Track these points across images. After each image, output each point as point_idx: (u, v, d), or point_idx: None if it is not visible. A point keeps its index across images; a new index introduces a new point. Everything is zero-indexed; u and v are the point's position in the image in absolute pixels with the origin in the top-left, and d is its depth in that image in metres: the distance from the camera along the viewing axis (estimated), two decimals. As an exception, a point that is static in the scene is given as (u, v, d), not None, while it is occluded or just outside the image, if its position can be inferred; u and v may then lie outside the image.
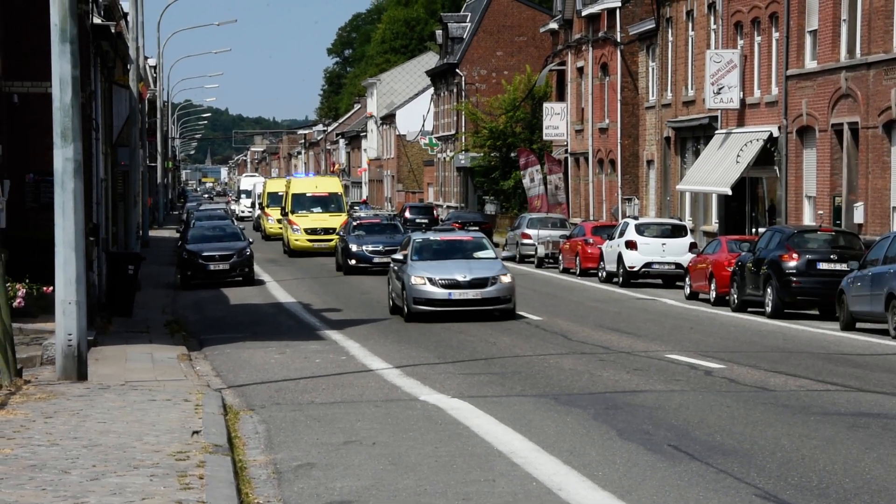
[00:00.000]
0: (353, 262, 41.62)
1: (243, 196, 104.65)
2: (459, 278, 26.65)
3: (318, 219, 52.61)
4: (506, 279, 26.82)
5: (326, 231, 51.27)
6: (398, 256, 28.40)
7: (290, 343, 22.61)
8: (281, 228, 56.20)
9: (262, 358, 20.52)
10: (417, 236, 29.23)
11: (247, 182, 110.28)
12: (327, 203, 53.94)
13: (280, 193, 59.10)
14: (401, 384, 17.26)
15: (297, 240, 52.01)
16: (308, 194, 54.26)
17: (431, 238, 29.20)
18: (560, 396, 15.77)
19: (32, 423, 13.03)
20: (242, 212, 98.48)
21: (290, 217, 52.99)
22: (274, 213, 60.99)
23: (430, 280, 26.52)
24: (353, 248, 41.86)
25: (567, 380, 17.35)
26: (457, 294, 26.48)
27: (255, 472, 11.54)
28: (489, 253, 28.59)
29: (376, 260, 41.03)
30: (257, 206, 74.61)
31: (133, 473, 10.57)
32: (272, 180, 73.54)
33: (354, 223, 44.62)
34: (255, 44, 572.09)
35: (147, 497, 9.71)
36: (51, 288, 17.52)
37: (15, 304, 19.71)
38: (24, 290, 21.05)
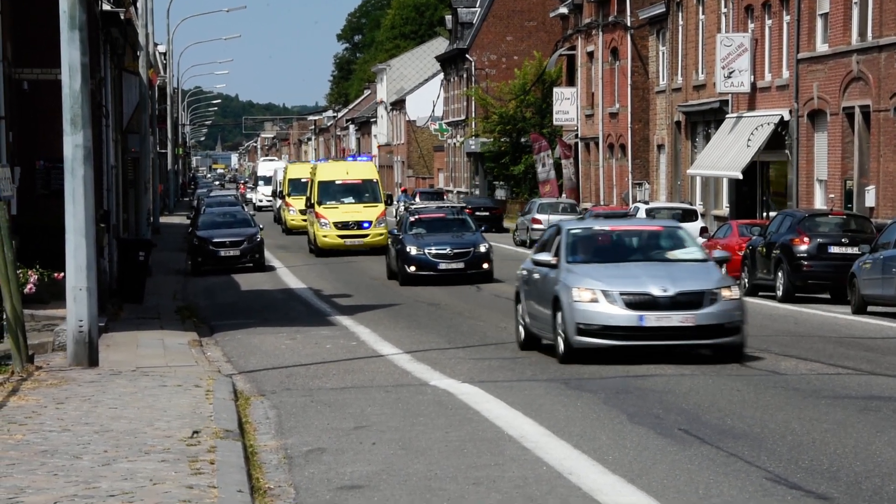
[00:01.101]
0: (413, 268, 32.97)
1: (261, 183, 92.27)
2: (655, 292, 17.11)
3: (351, 211, 44.24)
4: (730, 294, 17.46)
5: (360, 225, 43.71)
6: (543, 257, 18.64)
7: (301, 329, 22.63)
8: (305, 221, 48.08)
9: (273, 343, 20.55)
10: (570, 226, 19.34)
11: (265, 167, 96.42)
12: (361, 192, 45.23)
13: (304, 180, 50.70)
14: (411, 369, 17.28)
15: (325, 236, 43.70)
16: (338, 182, 45.68)
17: (597, 229, 19.59)
18: (570, 381, 15.77)
19: (44, 408, 13.07)
20: (260, 201, 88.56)
21: (317, 209, 44.34)
22: (297, 202, 52.93)
23: (606, 294, 17.11)
24: (413, 250, 33.06)
25: (576, 364, 17.33)
26: (652, 318, 16.96)
27: (266, 457, 11.56)
28: (694, 251, 18.67)
29: (443, 266, 33.03)
30: (278, 194, 63.72)
31: (144, 459, 10.59)
32: (295, 165, 62.52)
33: (412, 218, 35.84)
34: (265, 30, 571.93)
35: (158, 482, 9.73)
36: (62, 274, 17.56)
37: (26, 290, 19.76)
38: (36, 277, 21.10)
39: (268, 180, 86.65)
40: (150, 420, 12.41)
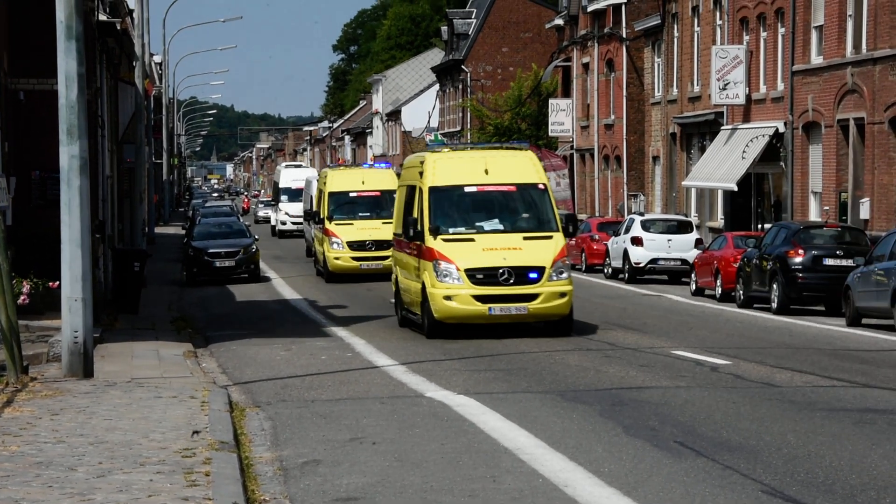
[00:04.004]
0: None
1: (284, 198, 67.28)
2: None
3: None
4: None
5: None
6: None
7: (296, 340, 22.61)
8: (358, 261, 37.26)
9: (268, 355, 20.53)
10: None
11: (290, 176, 69.16)
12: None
13: (355, 195, 38.82)
14: (406, 381, 17.26)
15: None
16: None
17: None
18: (566, 393, 15.77)
19: (39, 420, 13.05)
20: (283, 223, 66.40)
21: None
22: (345, 230, 37.69)
23: None
24: None
25: (573, 376, 17.34)
26: None
27: (261, 468, 11.54)
28: None
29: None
30: (313, 216, 42.05)
31: (139, 470, 10.58)
32: (338, 172, 41.74)
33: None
34: (261, 40, 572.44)
35: (153, 494, 9.71)
36: (56, 283, 17.54)
37: (19, 301, 19.72)
38: (29, 287, 21.06)
39: (294, 194, 64.63)
40: (145, 431, 12.39)
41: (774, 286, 28.44)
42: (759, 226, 40.43)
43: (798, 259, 28.19)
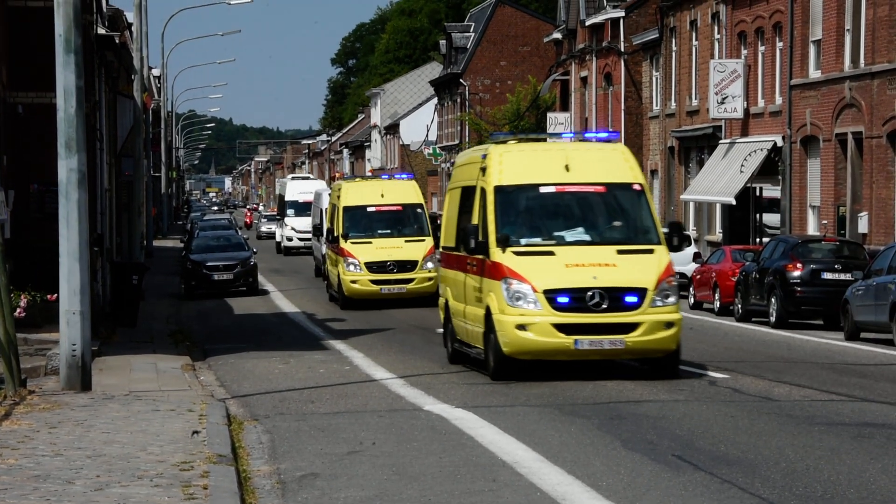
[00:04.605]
0: None
1: (290, 213, 62.98)
2: None
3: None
4: None
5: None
6: None
7: (294, 353, 22.60)
8: (378, 284, 33.10)
9: (266, 368, 20.52)
10: None
11: (297, 188, 64.66)
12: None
13: (373, 209, 34.55)
14: (405, 394, 17.25)
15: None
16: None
17: None
18: (564, 406, 15.75)
19: (36, 433, 13.03)
20: (290, 239, 62.45)
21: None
22: (363, 251, 33.36)
23: None
24: None
25: (571, 390, 17.32)
26: None
27: (259, 482, 11.53)
28: None
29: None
30: (324, 232, 39.02)
31: (137, 483, 10.56)
32: (353, 184, 36.88)
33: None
34: (259, 54, 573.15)
35: (151, 507, 9.70)
36: (54, 296, 17.53)
37: (17, 313, 19.71)
38: (27, 300, 21.06)
39: (301, 208, 60.79)
40: (143, 445, 12.38)
41: (773, 300, 28.45)
42: (758, 240, 40.44)
43: (796, 273, 28.20)
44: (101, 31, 29.53)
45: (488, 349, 18.24)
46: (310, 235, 52.53)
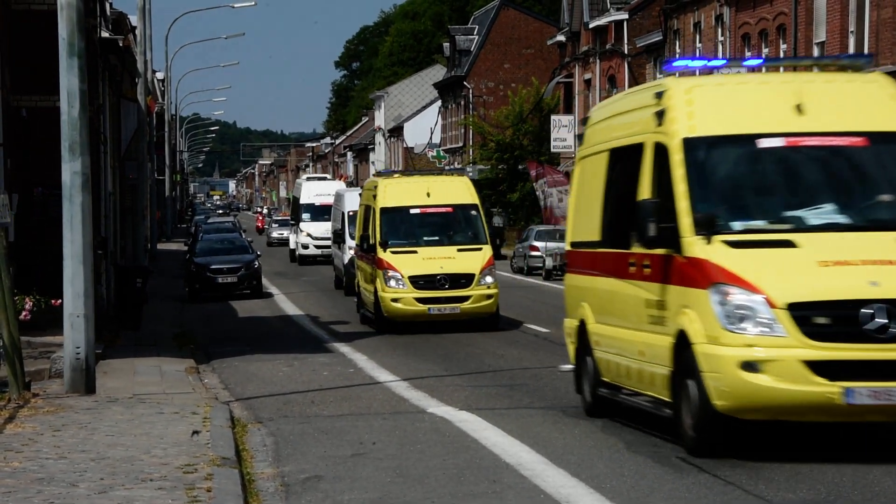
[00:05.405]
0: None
1: (306, 217, 55.43)
2: None
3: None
4: None
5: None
6: None
7: (298, 356, 22.61)
8: (425, 304, 26.59)
9: (270, 371, 20.53)
10: None
11: (313, 190, 57.44)
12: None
13: (417, 211, 28.11)
14: (408, 396, 17.25)
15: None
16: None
17: None
18: (568, 409, 15.75)
19: (40, 436, 13.04)
20: (306, 247, 55.30)
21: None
22: (407, 263, 26.93)
23: None
24: None
25: (575, 392, 17.30)
26: None
27: (263, 484, 11.53)
28: None
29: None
30: (348, 238, 36.59)
31: (141, 486, 10.57)
32: (393, 181, 29.28)
33: None
34: (263, 57, 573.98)
35: (155, 510, 9.70)
36: (59, 301, 17.55)
37: (21, 317, 19.74)
38: (32, 303, 21.08)
39: (318, 211, 53.91)
40: (146, 448, 12.39)
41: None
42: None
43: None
44: (105, 34, 29.57)
45: (681, 402, 12.29)
46: (329, 243, 46.45)
